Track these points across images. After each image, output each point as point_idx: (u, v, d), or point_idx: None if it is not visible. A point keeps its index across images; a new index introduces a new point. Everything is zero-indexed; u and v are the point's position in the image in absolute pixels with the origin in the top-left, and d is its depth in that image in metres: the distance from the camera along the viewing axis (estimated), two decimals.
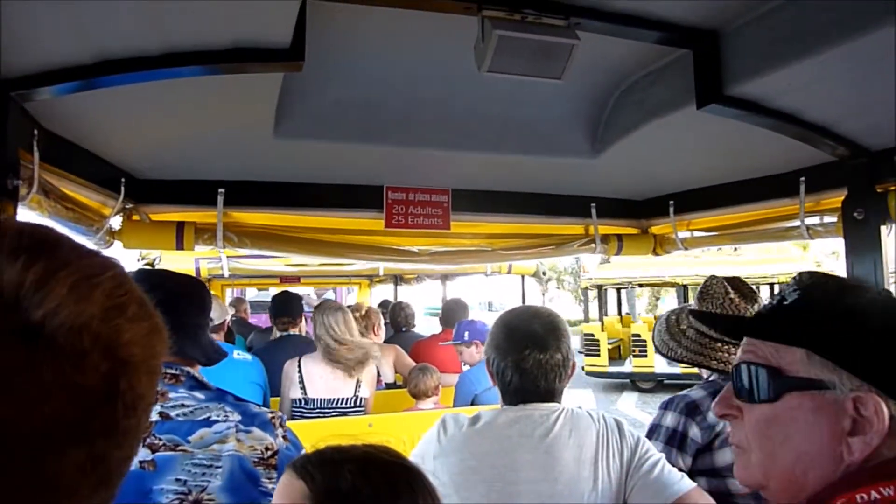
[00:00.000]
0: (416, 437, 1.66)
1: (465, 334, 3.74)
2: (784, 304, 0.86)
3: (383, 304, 6.48)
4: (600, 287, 16.16)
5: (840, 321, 0.80)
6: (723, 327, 1.27)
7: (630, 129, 1.94)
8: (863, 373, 0.76)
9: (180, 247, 2.43)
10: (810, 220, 2.22)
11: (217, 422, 1.48)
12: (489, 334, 1.66)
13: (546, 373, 1.55)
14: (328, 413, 3.22)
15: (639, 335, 13.81)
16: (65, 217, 1.80)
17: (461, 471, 1.49)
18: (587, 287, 16.83)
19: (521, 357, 1.54)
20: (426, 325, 7.33)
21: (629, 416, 10.62)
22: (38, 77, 1.32)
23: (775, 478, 0.83)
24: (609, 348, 14.52)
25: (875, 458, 0.75)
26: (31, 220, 0.50)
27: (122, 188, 2.13)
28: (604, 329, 15.00)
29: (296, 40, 1.28)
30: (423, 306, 13.91)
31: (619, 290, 16.72)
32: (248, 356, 3.44)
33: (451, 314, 4.55)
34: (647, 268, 14.35)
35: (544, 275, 5.83)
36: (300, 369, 3.26)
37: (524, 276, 5.62)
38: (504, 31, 1.28)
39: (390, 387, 4.22)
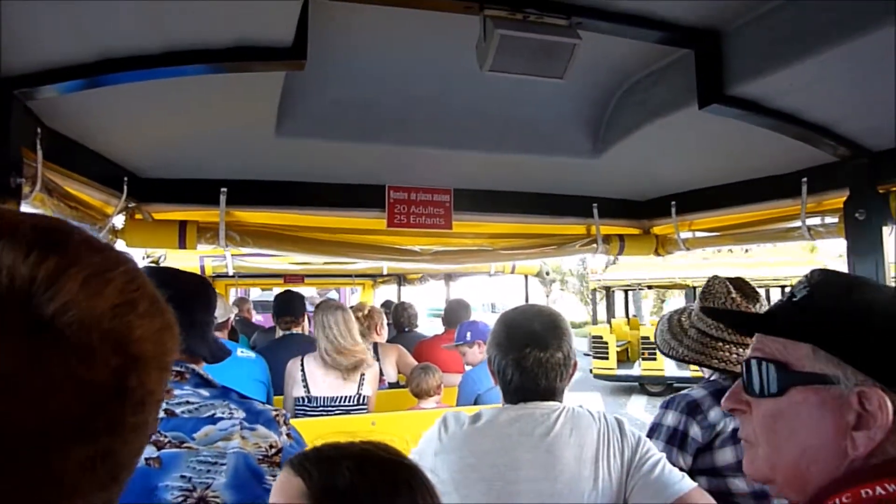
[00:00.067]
0: (419, 436, 1.65)
1: (468, 335, 3.73)
2: (793, 300, 0.87)
3: (386, 305, 6.47)
4: (608, 289, 15.98)
5: (845, 317, 0.81)
6: (733, 323, 1.34)
7: (632, 129, 1.95)
8: (867, 368, 0.77)
9: (183, 246, 2.43)
10: (812, 221, 2.22)
11: (222, 419, 1.48)
12: (491, 333, 1.66)
13: (547, 371, 1.54)
14: (332, 411, 3.23)
15: (648, 338, 13.56)
16: (67, 215, 1.80)
17: (461, 469, 1.49)
18: (595, 289, 16.67)
19: (522, 355, 1.54)
20: (429, 327, 7.32)
21: (639, 420, 10.50)
22: (40, 75, 1.33)
23: (781, 471, 0.84)
24: (617, 351, 14.37)
25: (879, 455, 0.75)
26: (43, 214, 0.50)
27: (125, 187, 2.14)
28: (612, 331, 14.83)
29: (298, 39, 1.29)
30: (426, 307, 13.88)
31: (627, 291, 16.61)
32: (252, 354, 3.45)
33: (453, 315, 4.55)
34: (657, 269, 14.20)
35: (547, 275, 5.82)
36: (303, 368, 3.27)
37: (528, 277, 5.61)
38: (506, 31, 1.28)
39: (393, 386, 4.22)
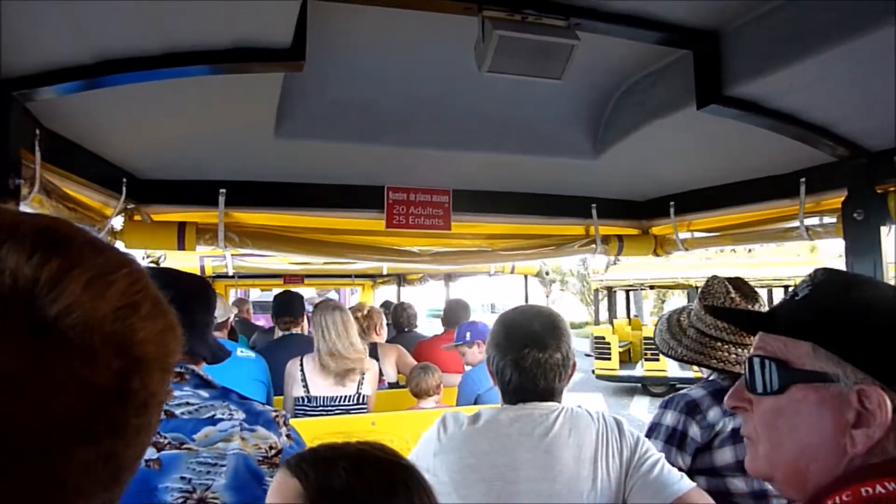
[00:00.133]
0: (419, 436, 1.66)
1: (467, 335, 3.73)
2: (795, 299, 0.88)
3: (385, 305, 6.47)
4: (610, 289, 15.96)
5: (845, 315, 0.82)
6: (736, 322, 1.36)
7: (630, 130, 1.94)
8: (867, 366, 0.78)
9: (182, 247, 2.43)
10: (810, 221, 2.22)
11: (222, 420, 1.48)
12: (490, 333, 1.66)
13: (545, 372, 1.55)
14: (331, 411, 3.23)
15: (650, 338, 13.40)
16: (66, 217, 1.80)
17: (460, 469, 1.49)
18: (598, 289, 16.64)
19: (521, 356, 1.54)
20: (428, 327, 7.32)
21: (641, 422, 10.39)
22: (39, 77, 1.33)
23: (781, 469, 0.85)
24: (619, 351, 14.35)
25: (879, 454, 0.76)
26: (46, 214, 0.50)
27: (124, 188, 2.13)
28: (615, 332, 14.80)
29: (297, 40, 1.28)
30: (426, 308, 13.88)
31: (629, 292, 16.58)
32: (252, 353, 3.46)
33: (452, 315, 4.55)
34: (659, 269, 14.19)
35: (547, 275, 5.82)
36: (302, 368, 3.27)
37: (527, 277, 5.61)
38: (504, 32, 1.28)
39: (393, 386, 4.22)
